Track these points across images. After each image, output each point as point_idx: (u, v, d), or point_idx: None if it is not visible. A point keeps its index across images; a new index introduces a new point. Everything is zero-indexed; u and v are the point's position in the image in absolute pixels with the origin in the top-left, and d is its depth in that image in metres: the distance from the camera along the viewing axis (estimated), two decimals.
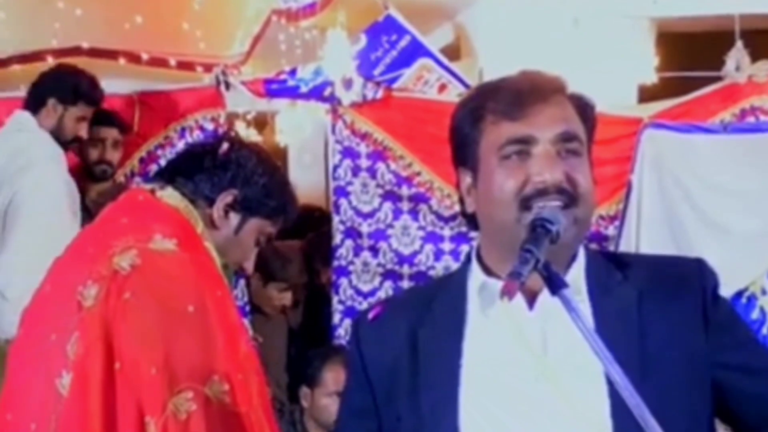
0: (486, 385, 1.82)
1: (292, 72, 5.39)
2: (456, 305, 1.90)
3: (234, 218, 2.60)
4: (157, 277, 2.31)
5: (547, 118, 1.82)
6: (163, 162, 5.07)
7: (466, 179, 1.91)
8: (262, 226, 2.66)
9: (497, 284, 1.82)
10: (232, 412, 2.26)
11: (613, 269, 1.89)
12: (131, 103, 5.43)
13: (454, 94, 5.54)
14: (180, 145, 5.19)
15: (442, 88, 5.57)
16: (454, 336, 1.86)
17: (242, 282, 5.08)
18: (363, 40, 5.53)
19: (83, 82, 4.74)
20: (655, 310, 1.82)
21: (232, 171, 2.60)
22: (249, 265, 2.72)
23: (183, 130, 5.34)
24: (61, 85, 4.69)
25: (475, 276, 1.91)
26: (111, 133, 5.05)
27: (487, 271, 1.89)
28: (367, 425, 1.95)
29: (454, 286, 1.94)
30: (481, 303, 1.87)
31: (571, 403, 1.73)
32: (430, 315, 1.91)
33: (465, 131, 1.89)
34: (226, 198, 2.58)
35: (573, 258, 1.87)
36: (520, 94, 1.84)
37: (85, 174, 5.07)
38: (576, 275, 1.86)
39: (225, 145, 2.64)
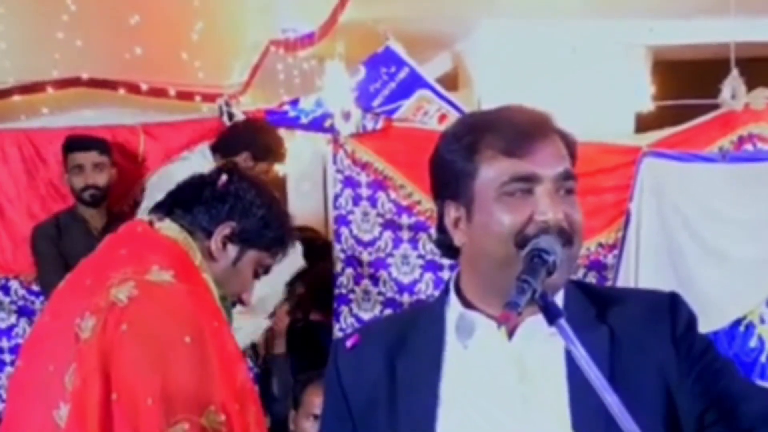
0: (463, 417, 1.82)
1: (294, 102, 5.43)
2: (434, 336, 1.90)
3: (232, 250, 2.61)
4: (154, 308, 2.32)
5: (549, 156, 1.83)
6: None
7: (453, 212, 1.90)
8: (260, 258, 2.66)
9: (475, 316, 1.85)
10: None
11: (588, 305, 1.89)
12: (136, 134, 5.49)
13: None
14: None
15: (443, 118, 5.60)
16: (432, 367, 1.87)
17: None
18: (362, 72, 5.56)
19: (276, 140, 5.17)
20: (627, 349, 1.82)
21: (230, 203, 2.61)
22: (248, 297, 2.72)
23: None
24: (256, 142, 5.05)
25: (453, 307, 1.91)
26: (89, 157, 5.11)
27: (465, 302, 1.90)
28: None
29: (431, 317, 1.94)
30: (457, 334, 1.88)
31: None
32: (407, 345, 1.92)
33: (457, 165, 1.87)
34: (224, 230, 2.59)
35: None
36: (520, 130, 1.84)
37: (79, 203, 5.10)
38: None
39: (224, 177, 2.65)
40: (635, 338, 1.83)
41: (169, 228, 2.56)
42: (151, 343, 2.28)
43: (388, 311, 5.44)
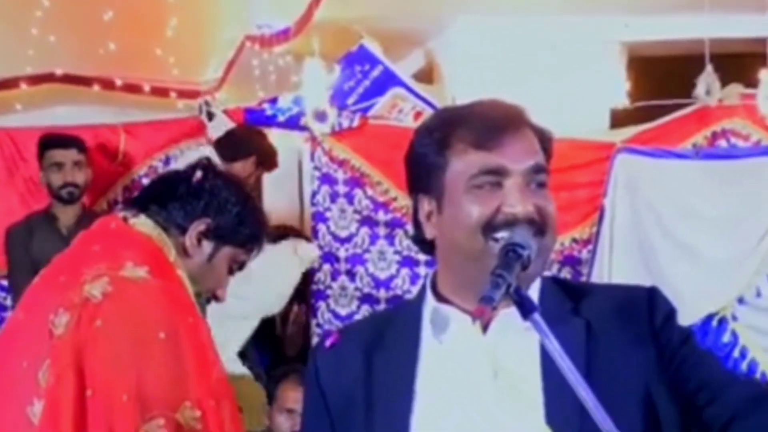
0: (438, 412, 1.82)
1: (273, 101, 5.43)
2: (410, 332, 1.90)
3: (207, 246, 2.60)
4: (128, 304, 2.31)
5: (519, 150, 1.84)
6: None
7: (426, 206, 1.91)
8: (235, 254, 2.66)
9: (449, 310, 1.86)
10: None
11: (564, 298, 1.90)
12: (116, 133, 5.49)
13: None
14: None
15: (418, 116, 5.63)
16: (407, 363, 1.87)
17: None
18: (338, 71, 5.57)
19: (273, 148, 5.35)
20: (603, 340, 1.82)
21: (205, 199, 2.60)
22: (222, 293, 2.72)
23: (167, 159, 5.42)
24: (262, 148, 5.31)
25: (429, 303, 1.92)
26: (69, 155, 5.11)
27: (440, 297, 1.90)
28: None
29: (408, 314, 1.95)
30: (433, 329, 1.88)
31: (515, 427, 1.76)
32: (384, 342, 1.92)
33: (429, 159, 1.88)
34: (198, 226, 2.58)
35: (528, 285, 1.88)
36: (491, 124, 1.85)
37: (55, 200, 5.10)
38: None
39: (198, 174, 2.64)
40: (612, 332, 1.83)
41: (143, 224, 2.55)
42: (125, 339, 2.27)
43: (365, 307, 5.47)
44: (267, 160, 5.42)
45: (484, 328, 1.84)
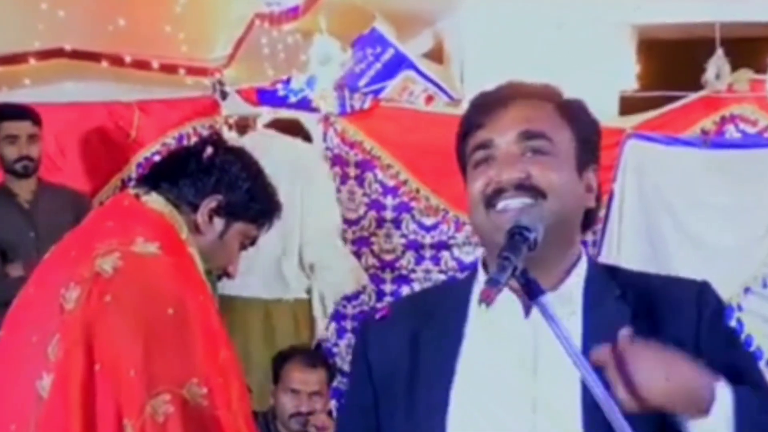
0: (477, 390, 1.82)
1: (286, 81, 5.43)
2: (458, 309, 1.91)
3: (218, 223, 2.59)
4: (138, 280, 2.31)
5: (508, 120, 1.85)
6: None
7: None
8: (246, 230, 2.65)
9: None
10: (210, 415, 2.26)
11: (613, 285, 1.88)
12: (130, 110, 5.46)
13: (441, 105, 5.61)
14: None
15: (429, 99, 5.62)
16: (453, 339, 1.87)
17: None
18: (348, 51, 5.56)
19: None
20: (647, 331, 1.76)
21: (216, 176, 2.59)
22: (234, 269, 2.71)
23: (180, 137, 5.41)
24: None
25: (479, 281, 1.92)
26: (24, 127, 5.00)
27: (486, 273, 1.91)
28: (368, 423, 1.95)
29: (458, 292, 1.95)
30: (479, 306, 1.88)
31: (548, 415, 1.76)
32: (433, 319, 1.92)
33: (458, 148, 1.94)
34: (210, 203, 2.57)
35: (573, 266, 1.88)
36: (485, 103, 1.89)
37: (9, 174, 5.04)
38: (573, 285, 1.87)
39: (209, 150, 2.62)
40: (657, 322, 1.82)
41: (155, 201, 2.54)
42: (134, 314, 2.27)
43: (370, 287, 5.48)
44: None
45: (527, 310, 1.84)
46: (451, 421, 1.82)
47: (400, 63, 5.64)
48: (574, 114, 1.90)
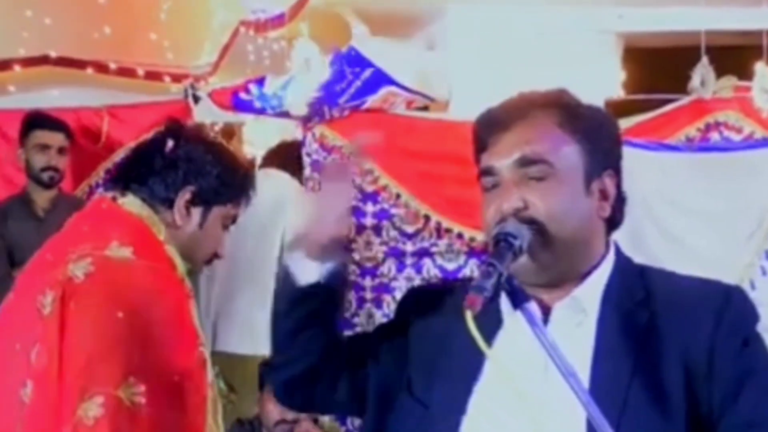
0: (499, 389, 1.81)
1: (260, 81, 5.39)
2: (491, 312, 1.85)
3: (196, 213, 2.58)
4: (102, 286, 2.30)
5: (507, 145, 1.84)
6: None
7: None
8: (225, 212, 2.63)
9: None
10: (147, 413, 2.24)
11: (638, 287, 1.86)
12: (100, 116, 5.44)
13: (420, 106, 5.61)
14: None
15: (410, 104, 5.60)
16: (485, 334, 1.80)
17: None
18: (327, 72, 5.53)
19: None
20: (662, 340, 1.78)
21: (183, 168, 2.56)
22: (222, 250, 2.69)
23: None
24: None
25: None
26: (57, 139, 5.05)
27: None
28: (390, 349, 1.98)
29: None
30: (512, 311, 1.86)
31: (555, 422, 1.76)
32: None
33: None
34: (184, 196, 2.54)
35: (593, 269, 1.86)
36: (488, 123, 1.88)
37: (32, 182, 5.06)
38: (588, 291, 1.85)
39: (170, 143, 2.59)
40: (673, 327, 1.79)
41: (132, 203, 2.52)
42: (87, 321, 2.27)
43: (349, 294, 5.46)
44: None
45: (545, 319, 1.82)
46: (465, 424, 1.83)
47: (381, 80, 5.60)
48: (581, 124, 1.87)
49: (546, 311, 1.83)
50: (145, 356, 2.27)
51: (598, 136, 1.88)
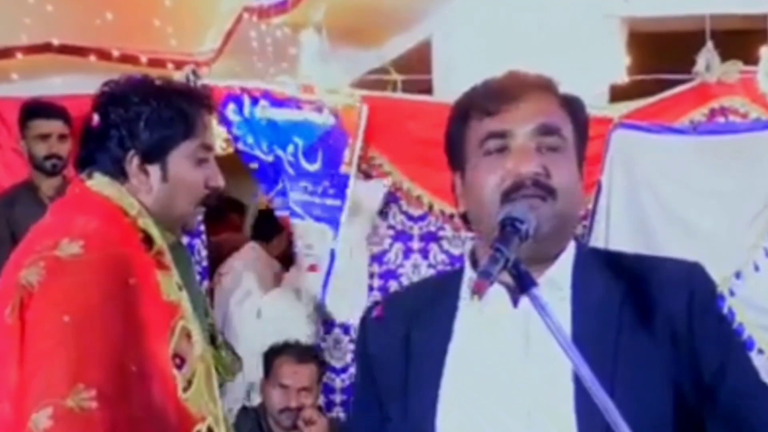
0: (467, 386, 1.82)
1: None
2: (446, 307, 1.91)
3: (154, 170, 2.45)
4: (50, 292, 2.21)
5: (525, 112, 1.83)
6: None
7: (458, 180, 1.92)
8: (186, 151, 2.47)
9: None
10: (100, 416, 2.17)
11: (603, 267, 1.88)
12: None
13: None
14: None
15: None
16: (442, 337, 1.87)
17: None
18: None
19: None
20: (638, 315, 1.81)
21: (115, 136, 2.43)
22: (215, 182, 2.52)
23: None
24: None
25: (468, 272, 1.91)
26: (56, 126, 5.05)
27: (476, 267, 1.89)
28: (375, 418, 1.95)
29: (446, 288, 1.95)
30: (470, 300, 1.87)
31: (542, 403, 1.75)
32: (422, 319, 1.92)
33: (453, 133, 1.91)
34: (132, 161, 2.43)
35: (560, 252, 1.88)
36: (499, 91, 1.85)
37: (36, 171, 5.07)
38: (560, 270, 1.86)
39: (94, 117, 2.47)
40: (648, 304, 1.82)
41: (99, 183, 2.43)
42: (36, 330, 2.22)
43: None
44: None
45: (515, 301, 1.83)
46: (441, 421, 1.81)
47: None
48: (574, 109, 1.90)
49: (515, 296, 1.82)
50: (95, 356, 2.19)
51: (585, 124, 1.92)
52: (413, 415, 1.84)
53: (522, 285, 1.68)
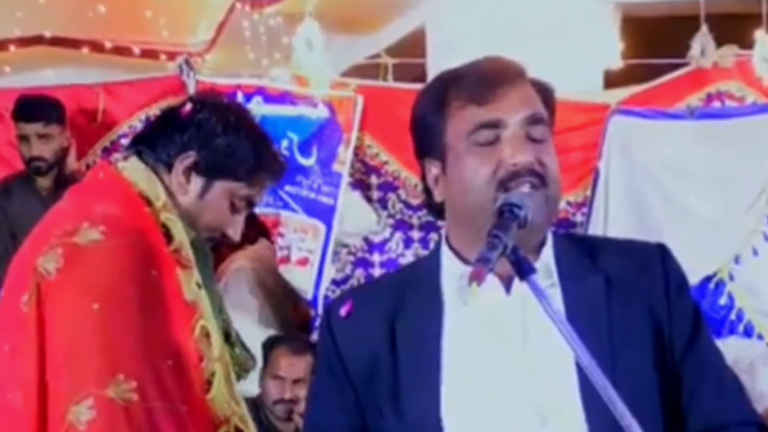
0: (468, 379, 1.79)
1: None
2: (431, 296, 1.86)
3: (197, 182, 2.42)
4: (73, 279, 2.19)
5: (515, 101, 1.80)
6: None
7: (433, 169, 1.88)
8: (233, 189, 2.45)
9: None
10: (143, 409, 2.14)
11: (580, 254, 1.87)
12: (95, 93, 5.39)
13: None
14: None
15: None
16: (432, 329, 1.83)
17: None
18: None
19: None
20: (623, 295, 1.81)
21: (190, 132, 2.42)
22: (233, 232, 2.50)
23: (148, 118, 5.31)
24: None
25: (449, 264, 1.87)
26: (33, 129, 4.94)
27: (460, 258, 1.86)
28: (353, 423, 1.89)
29: (426, 276, 1.90)
30: (459, 292, 1.83)
31: (546, 390, 1.74)
32: (405, 307, 1.87)
33: (428, 120, 1.86)
34: (184, 161, 2.40)
35: (543, 242, 1.86)
36: (485, 78, 1.81)
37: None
38: (547, 259, 1.85)
39: (188, 106, 2.47)
40: (629, 285, 1.82)
41: (131, 168, 2.40)
42: (63, 318, 2.19)
43: (359, 271, 5.46)
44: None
45: (507, 288, 1.81)
46: (446, 417, 1.78)
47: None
48: (547, 96, 1.88)
49: (508, 280, 1.80)
50: (130, 346, 2.18)
51: (554, 113, 1.90)
52: (413, 416, 1.81)
53: (521, 271, 1.66)
